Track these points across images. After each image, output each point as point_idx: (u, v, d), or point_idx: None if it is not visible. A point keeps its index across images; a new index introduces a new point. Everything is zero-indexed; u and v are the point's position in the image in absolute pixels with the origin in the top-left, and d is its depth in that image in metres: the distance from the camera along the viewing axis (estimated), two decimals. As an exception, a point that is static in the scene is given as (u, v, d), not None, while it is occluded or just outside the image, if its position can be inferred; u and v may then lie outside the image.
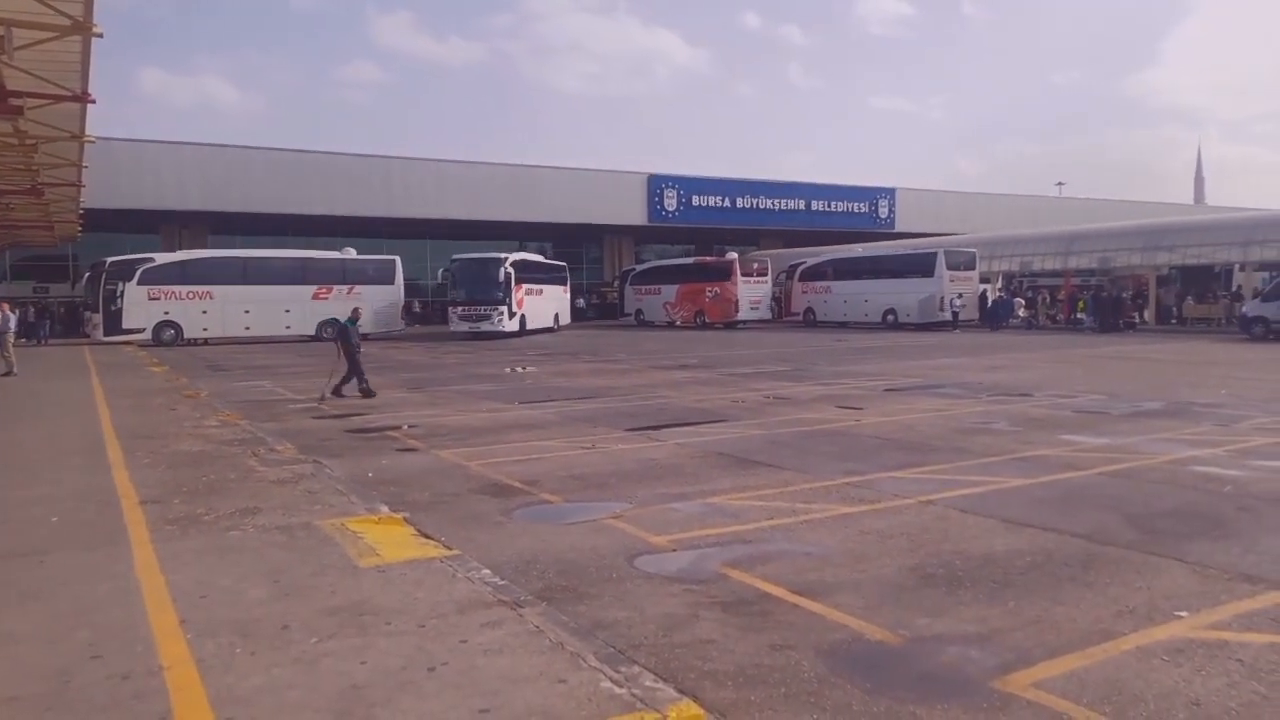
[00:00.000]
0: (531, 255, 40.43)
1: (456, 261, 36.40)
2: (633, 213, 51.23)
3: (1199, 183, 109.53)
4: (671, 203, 51.70)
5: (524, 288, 35.75)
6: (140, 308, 33.00)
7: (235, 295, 34.16)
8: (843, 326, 39.36)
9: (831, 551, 5.90)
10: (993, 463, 8.80)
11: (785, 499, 7.38)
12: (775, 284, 43.64)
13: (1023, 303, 39.97)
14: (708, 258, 46.14)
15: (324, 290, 35.80)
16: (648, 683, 3.83)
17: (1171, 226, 37.90)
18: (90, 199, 31.78)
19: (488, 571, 5.40)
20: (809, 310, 42.41)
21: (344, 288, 35.98)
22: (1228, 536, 6.13)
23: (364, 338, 16.77)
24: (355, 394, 15.25)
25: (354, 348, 15.48)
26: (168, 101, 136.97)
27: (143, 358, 26.66)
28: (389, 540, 6.11)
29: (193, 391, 16.56)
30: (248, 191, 41.54)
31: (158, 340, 32.84)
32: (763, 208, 54.40)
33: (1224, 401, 13.12)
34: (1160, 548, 5.85)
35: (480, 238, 48.72)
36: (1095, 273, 40.17)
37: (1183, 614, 4.66)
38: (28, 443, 11.02)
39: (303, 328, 35.34)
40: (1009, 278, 42.67)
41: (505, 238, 49.69)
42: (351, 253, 37.43)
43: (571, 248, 56.87)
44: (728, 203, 53.37)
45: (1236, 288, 35.98)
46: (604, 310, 52.79)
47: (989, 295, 39.74)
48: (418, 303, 45.99)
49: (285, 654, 4.16)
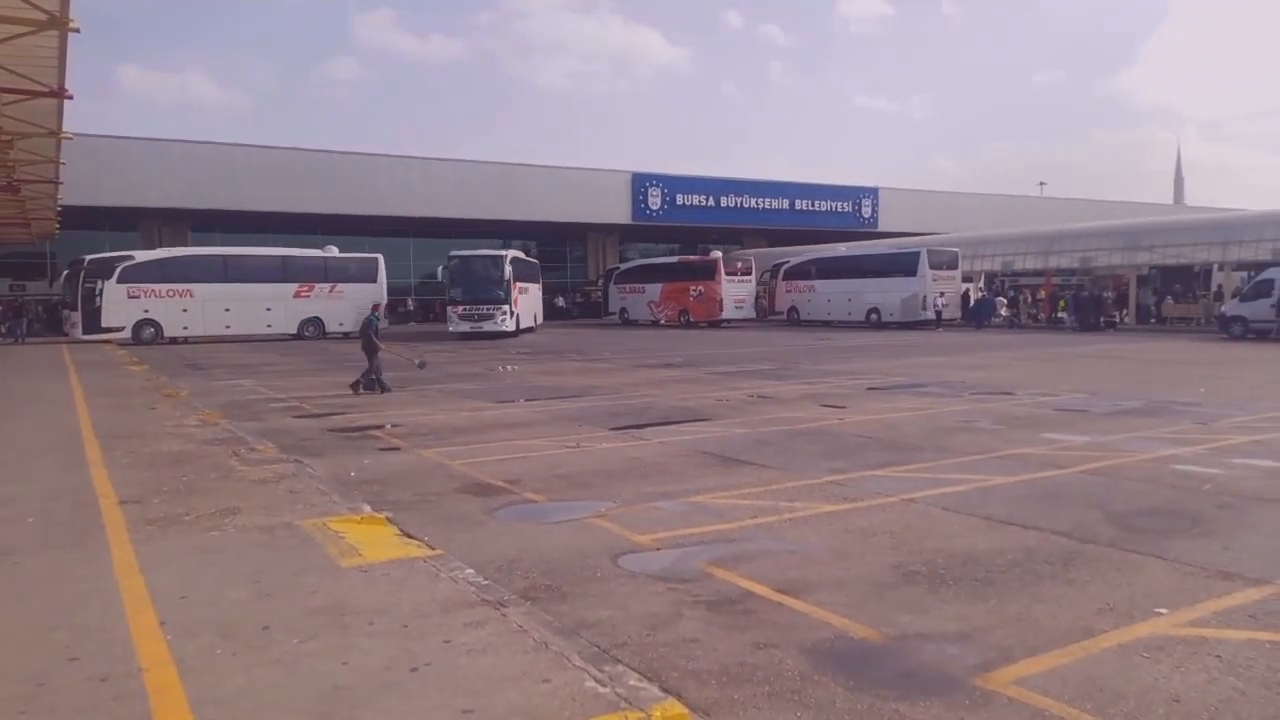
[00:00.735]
0: (518, 253, 40.16)
1: (455, 258, 35.12)
2: (617, 211, 51.22)
3: (1178, 183, 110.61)
4: (656, 201, 51.73)
5: (518, 286, 35.13)
6: (120, 306, 32.69)
7: (216, 294, 33.90)
8: (826, 325, 39.50)
9: (815, 550, 5.92)
10: (975, 461, 8.85)
11: (769, 497, 7.39)
12: (759, 283, 43.74)
13: (1004, 302, 40.25)
14: (692, 257, 46.17)
15: (306, 289, 35.59)
16: (632, 682, 3.82)
17: (1151, 227, 38.24)
18: (68, 196, 31.47)
19: (471, 571, 5.38)
20: (793, 309, 42.53)
21: (326, 286, 35.79)
22: (1207, 534, 6.18)
23: (346, 336, 16.77)
24: (374, 388, 15.57)
25: (374, 344, 15.82)
26: (147, 98, 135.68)
27: (122, 356, 26.40)
28: (371, 540, 6.07)
29: (173, 390, 16.42)
30: (229, 189, 41.21)
31: (137, 339, 32.55)
32: (747, 207, 54.53)
33: (1203, 400, 13.25)
34: (1140, 545, 5.89)
35: (464, 236, 48.60)
36: (1076, 272, 40.50)
37: (1162, 611, 4.70)
38: (3, 442, 10.88)
39: (284, 326, 35.11)
40: (991, 277, 42.96)
41: (489, 236, 49.61)
42: (334, 251, 37.14)
43: (556, 246, 56.85)
44: (712, 202, 53.46)
45: (1216, 288, 36.34)
46: (588, 309, 52.75)
47: (971, 295, 40.00)
48: (411, 300, 45.25)
49: (266, 655, 4.13)
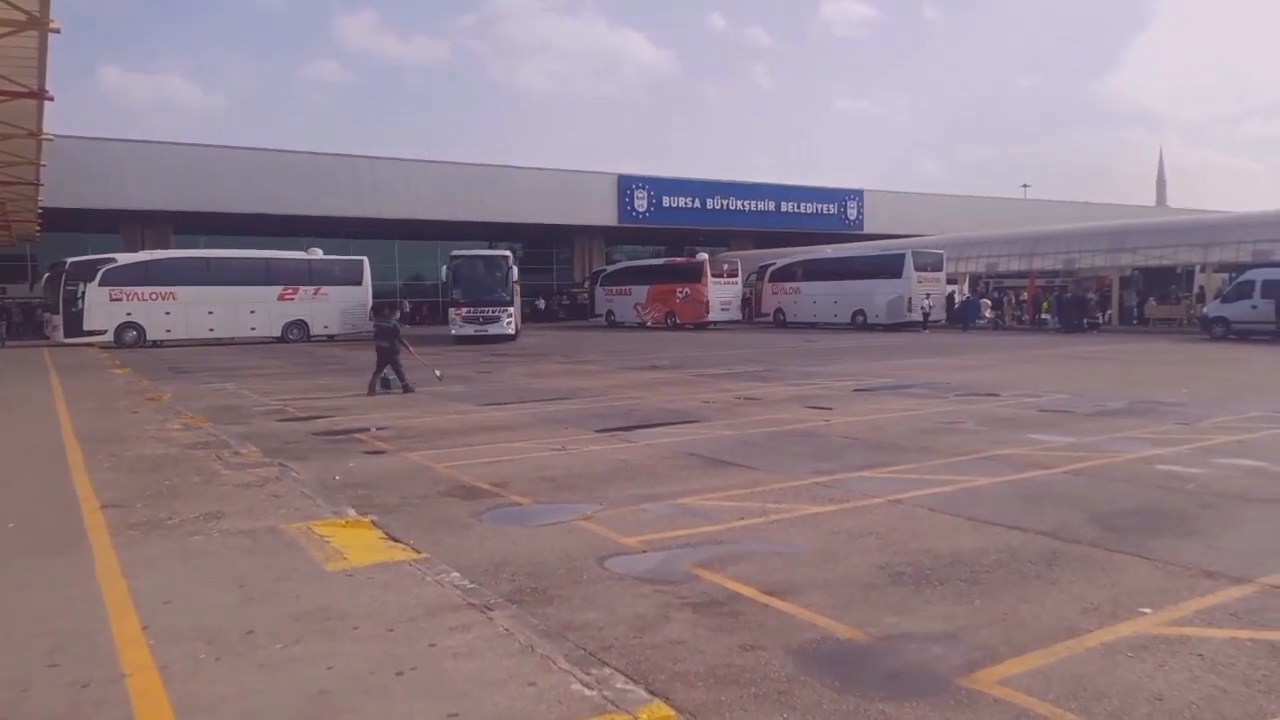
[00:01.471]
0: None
1: (458, 259, 33.56)
2: (603, 213, 51.22)
3: (1161, 185, 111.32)
4: (642, 203, 51.77)
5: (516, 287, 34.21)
6: (102, 309, 32.39)
7: (199, 296, 33.65)
8: (812, 327, 39.59)
9: (801, 551, 5.93)
10: (960, 462, 8.88)
11: (756, 499, 7.40)
12: (745, 285, 43.81)
13: (989, 303, 40.48)
14: (678, 259, 46.20)
15: (290, 291, 35.38)
16: (618, 684, 3.81)
17: (1134, 228, 38.54)
18: (49, 198, 31.24)
19: (457, 574, 5.36)
20: (779, 311, 42.61)
21: (310, 288, 35.59)
22: (1190, 534, 6.23)
23: (330, 339, 16.67)
24: (399, 388, 16.00)
25: (386, 345, 16.15)
26: (128, 100, 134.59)
27: (104, 360, 26.19)
28: (356, 544, 6.04)
29: (156, 394, 16.30)
30: (212, 191, 40.97)
31: (120, 342, 32.27)
32: (733, 209, 54.66)
33: (1186, 401, 13.35)
34: (1124, 545, 5.93)
35: (449, 238, 48.47)
36: (1060, 274, 40.78)
37: (1146, 610, 4.73)
38: (-16, 447, 10.77)
39: (268, 329, 34.91)
40: (975, 279, 43.20)
41: (475, 238, 49.49)
42: (318, 253, 36.95)
43: (542, 248, 56.80)
44: (698, 204, 53.54)
45: (1198, 289, 36.66)
46: (574, 311, 52.69)
47: (956, 296, 40.19)
48: (407, 303, 44.28)
49: (250, 660, 4.10)
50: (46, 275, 33.97)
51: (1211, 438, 10.03)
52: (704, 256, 43.01)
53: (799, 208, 56.75)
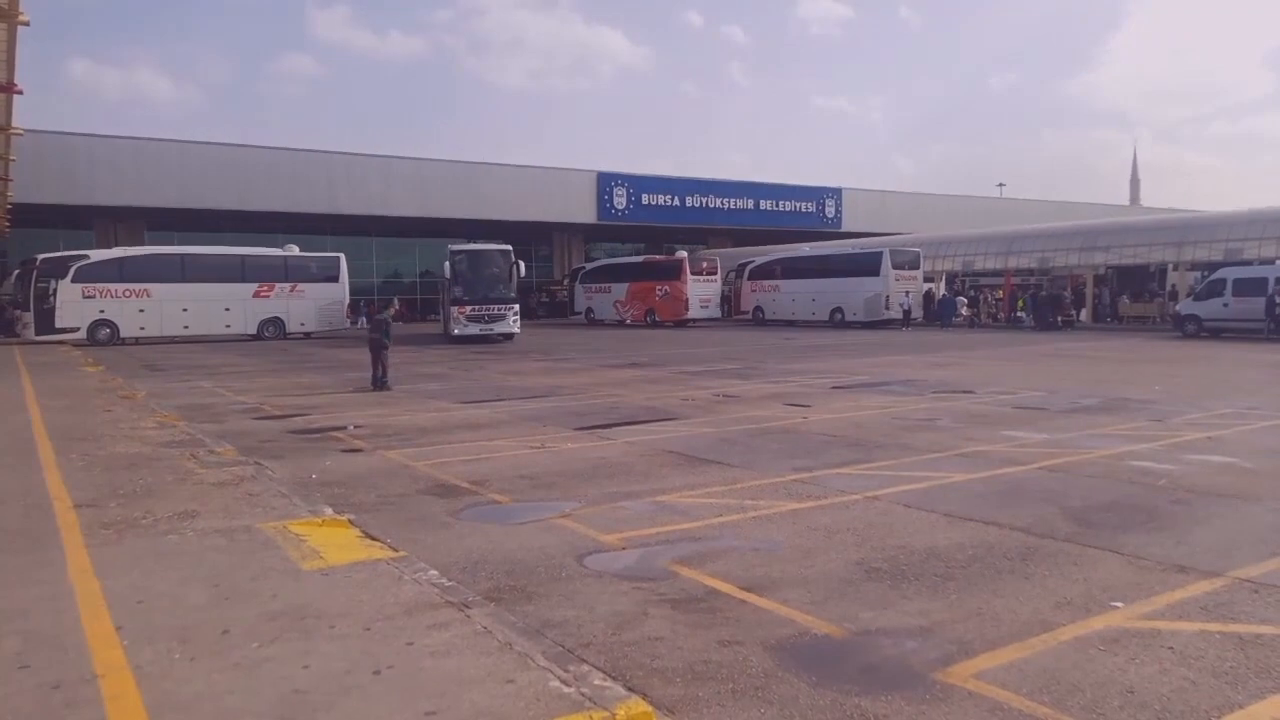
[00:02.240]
0: None
1: (460, 253, 31.38)
2: (582, 211, 51.16)
3: (1134, 184, 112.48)
4: (621, 201, 51.74)
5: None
6: (74, 306, 31.99)
7: (173, 293, 33.30)
8: (791, 325, 39.74)
9: (779, 547, 5.95)
10: (936, 459, 8.95)
11: (734, 496, 7.43)
12: (725, 283, 43.91)
13: (965, 302, 40.79)
14: (658, 256, 46.24)
15: (265, 288, 35.08)
16: (596, 681, 3.81)
17: (1108, 227, 38.97)
18: (19, 193, 30.81)
19: (435, 573, 5.34)
20: (758, 309, 42.75)
21: (286, 286, 35.32)
22: (1162, 529, 6.31)
23: (307, 336, 16.59)
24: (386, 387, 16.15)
25: (379, 343, 16.43)
26: (97, 93, 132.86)
27: (77, 357, 25.85)
28: (333, 543, 6.00)
29: (129, 392, 16.10)
30: (186, 187, 40.54)
31: (93, 340, 31.88)
32: (712, 206, 54.74)
33: (1158, 398, 13.52)
34: (1097, 540, 6.00)
35: (427, 235, 48.24)
36: (1035, 272, 41.17)
37: (1118, 604, 4.79)
38: (-47, 446, 10.60)
39: (243, 327, 34.61)
40: (952, 277, 43.52)
41: (453, 235, 49.24)
42: (294, 250, 36.65)
43: (521, 246, 56.45)
44: (677, 201, 53.58)
45: (1171, 287, 37.13)
46: (554, 309, 52.60)
47: (934, 294, 40.47)
48: (398, 299, 43.31)
49: (225, 659, 4.06)
50: (17, 272, 33.52)
51: (1183, 434, 10.17)
52: (683, 254, 43.07)
53: (778, 206, 56.92)
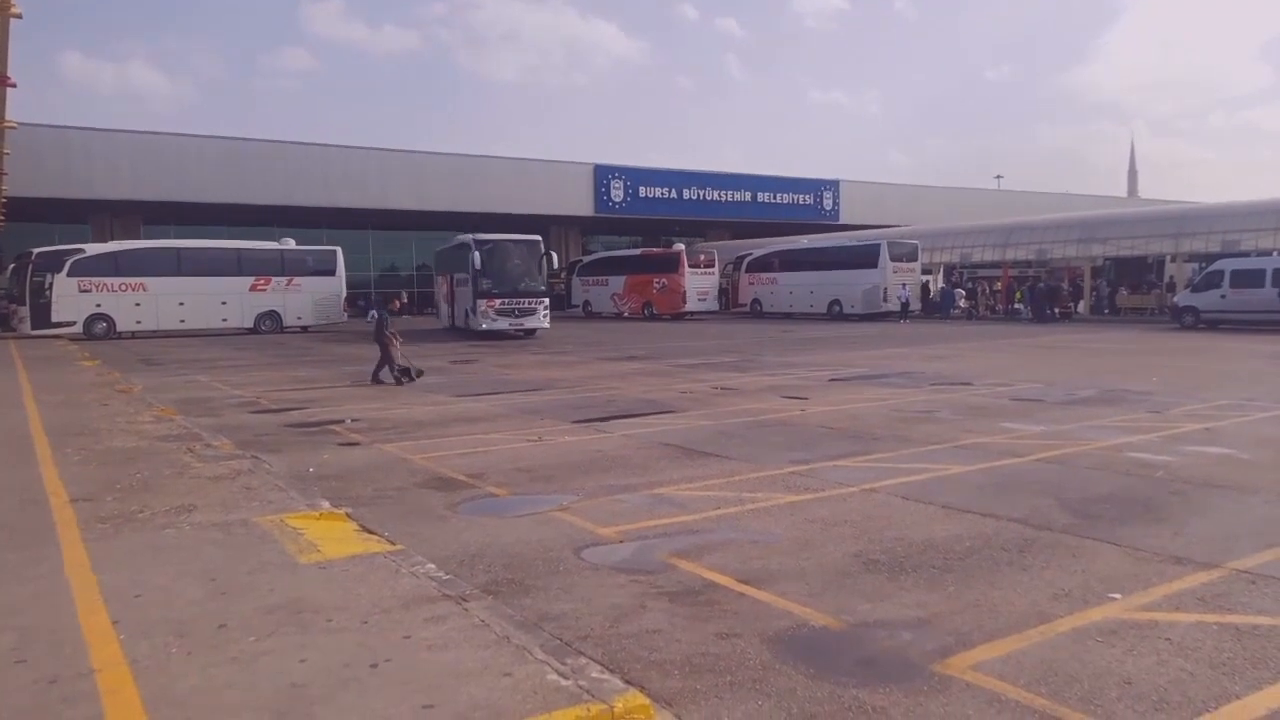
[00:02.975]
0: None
1: (487, 244, 29.67)
2: (579, 204, 51.08)
3: (1132, 176, 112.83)
4: (618, 194, 51.66)
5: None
6: (70, 300, 31.90)
7: (170, 287, 33.21)
8: (788, 317, 39.74)
9: (777, 540, 5.95)
10: (934, 450, 8.95)
11: (732, 489, 7.42)
12: (722, 275, 43.88)
13: (963, 293, 40.80)
14: (655, 249, 46.20)
15: (262, 282, 35.01)
16: (594, 674, 3.81)
17: (1106, 219, 38.97)
18: (14, 187, 30.72)
19: (432, 566, 5.33)
20: (756, 301, 42.74)
21: (283, 279, 35.25)
22: (1159, 520, 6.31)
23: (304, 330, 16.61)
24: (390, 380, 16.03)
25: (386, 337, 16.33)
26: (93, 87, 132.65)
27: (73, 351, 25.80)
28: (330, 536, 5.99)
29: (126, 386, 16.07)
30: (182, 180, 40.44)
31: (89, 334, 31.80)
32: (709, 199, 54.67)
33: (1156, 389, 13.53)
34: (1095, 531, 6.00)
35: (424, 228, 48.12)
36: (1033, 264, 41.18)
37: (1115, 596, 4.80)
38: (-50, 440, 10.58)
39: (240, 320, 34.54)
40: (950, 269, 43.51)
41: (450, 228, 49.13)
42: (291, 243, 36.56)
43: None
44: (675, 194, 53.51)
45: (1168, 278, 37.15)
46: (551, 301, 52.40)
47: (931, 286, 40.49)
48: (404, 293, 42.56)
49: (223, 653, 4.06)
50: (12, 266, 33.40)
51: (1180, 426, 10.17)
52: (681, 247, 43.02)
53: (775, 198, 56.86)
